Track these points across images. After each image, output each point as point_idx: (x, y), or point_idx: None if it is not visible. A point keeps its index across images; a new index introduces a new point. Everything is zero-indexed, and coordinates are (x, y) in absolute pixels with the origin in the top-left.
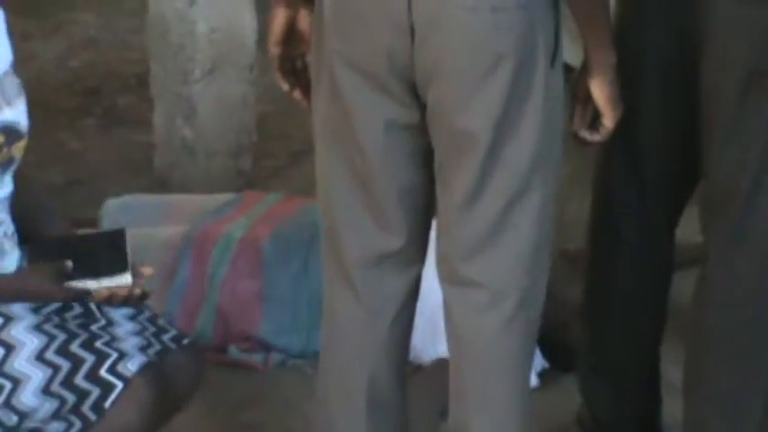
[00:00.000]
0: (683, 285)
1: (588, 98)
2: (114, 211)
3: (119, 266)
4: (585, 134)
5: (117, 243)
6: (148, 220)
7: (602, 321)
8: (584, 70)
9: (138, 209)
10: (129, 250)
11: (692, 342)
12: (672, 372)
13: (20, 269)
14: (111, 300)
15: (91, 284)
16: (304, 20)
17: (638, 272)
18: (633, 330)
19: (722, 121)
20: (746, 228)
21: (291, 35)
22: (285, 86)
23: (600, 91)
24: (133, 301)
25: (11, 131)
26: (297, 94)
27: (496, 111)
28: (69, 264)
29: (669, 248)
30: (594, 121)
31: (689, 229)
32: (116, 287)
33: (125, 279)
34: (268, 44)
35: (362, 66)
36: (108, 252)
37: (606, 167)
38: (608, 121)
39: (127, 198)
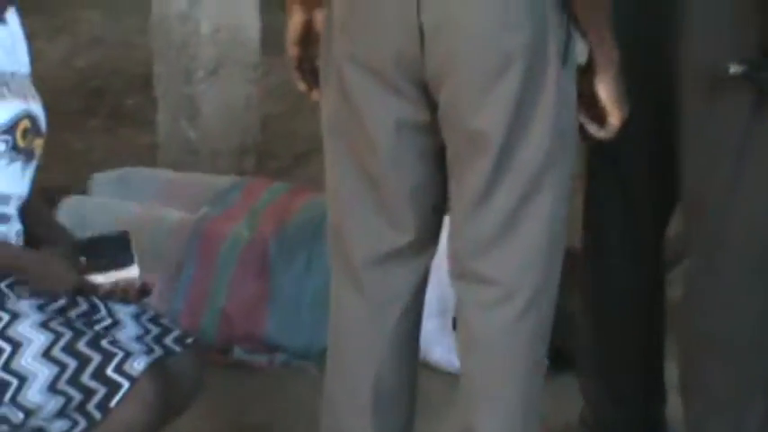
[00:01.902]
0: (679, 285)
1: (594, 96)
2: (105, 183)
3: (125, 260)
4: (593, 130)
5: (122, 242)
6: (140, 196)
7: (598, 324)
8: (589, 69)
9: (130, 183)
10: (134, 248)
11: (685, 345)
12: (674, 369)
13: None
14: (113, 294)
15: (100, 279)
16: (320, 21)
17: (630, 274)
18: (630, 332)
19: (690, 128)
20: (724, 233)
21: (308, 36)
22: (303, 87)
23: (605, 89)
24: (134, 296)
25: (35, 122)
26: (315, 94)
27: (508, 110)
28: (83, 259)
29: (659, 250)
30: (601, 117)
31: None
32: (124, 279)
33: (133, 271)
34: (286, 45)
35: (372, 66)
36: (114, 250)
37: (591, 172)
38: (614, 118)
39: (118, 172)
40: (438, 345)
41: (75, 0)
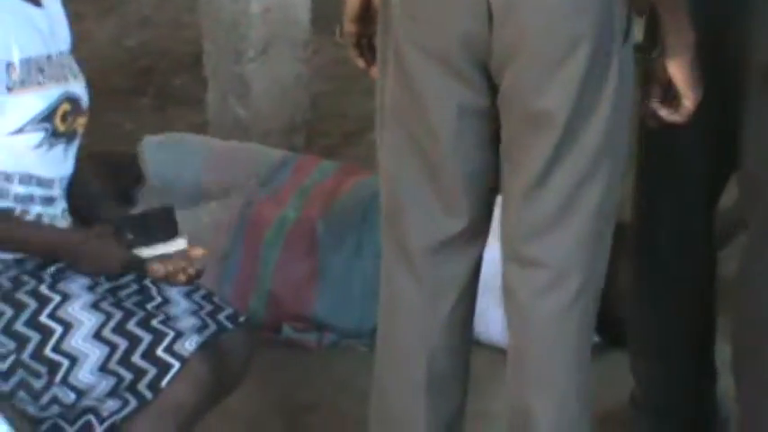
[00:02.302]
0: (733, 263)
1: (668, 79)
2: (154, 149)
3: (171, 234)
4: (665, 114)
5: (167, 217)
6: (188, 165)
7: (649, 303)
8: (663, 52)
9: (178, 151)
10: (179, 224)
11: (738, 327)
12: (726, 350)
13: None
14: (168, 278)
15: (146, 252)
16: (380, 6)
17: (681, 253)
18: (681, 312)
19: (748, 113)
20: None
21: (367, 13)
22: (361, 64)
23: (680, 72)
24: (187, 279)
25: (75, 103)
26: (374, 71)
27: (574, 91)
28: (130, 235)
29: (709, 230)
30: (673, 101)
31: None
32: (173, 253)
33: (180, 244)
34: (344, 22)
35: (435, 50)
36: (159, 224)
37: (645, 149)
38: (689, 101)
39: (168, 136)
40: (484, 321)
41: None
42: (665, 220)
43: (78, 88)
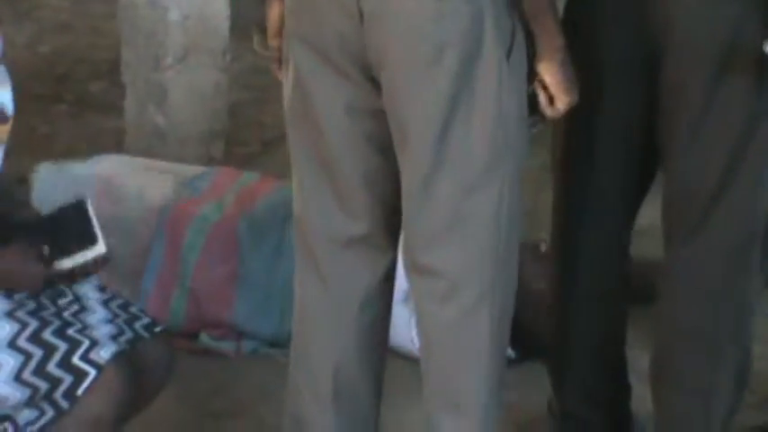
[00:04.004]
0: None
1: (542, 81)
2: (45, 177)
3: (89, 239)
4: (547, 111)
5: (81, 216)
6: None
7: (564, 314)
8: (535, 55)
9: (69, 179)
10: (94, 219)
11: (660, 334)
12: (642, 359)
13: None
14: (74, 276)
15: (67, 263)
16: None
17: (597, 266)
18: (594, 322)
19: (688, 119)
20: (708, 224)
21: None
22: (283, 78)
23: (549, 75)
24: (93, 267)
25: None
26: None
27: (443, 99)
28: (46, 248)
29: (626, 244)
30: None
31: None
32: (93, 259)
33: (99, 249)
34: (265, 38)
35: (319, 48)
36: (75, 226)
37: (564, 168)
38: (560, 103)
39: (62, 164)
40: (402, 331)
41: None
42: (582, 231)
43: (2, 96)
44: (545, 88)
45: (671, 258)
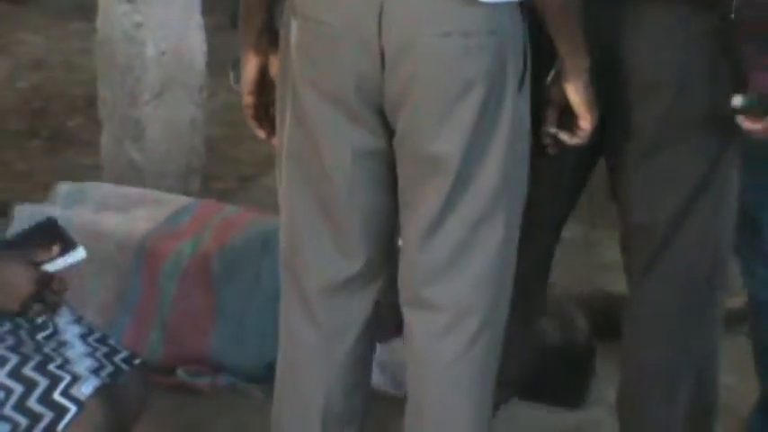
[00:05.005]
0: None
1: (565, 103)
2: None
3: (69, 245)
4: (565, 137)
5: (54, 229)
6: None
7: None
8: (559, 75)
9: (92, 196)
10: (68, 232)
11: (624, 368)
12: (610, 392)
13: None
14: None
15: (50, 267)
16: (275, 66)
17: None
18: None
19: (640, 161)
20: (664, 260)
21: (263, 82)
22: (262, 135)
23: (576, 94)
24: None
25: None
26: (273, 141)
27: (466, 135)
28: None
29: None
30: (570, 125)
31: None
32: (73, 263)
33: (80, 254)
34: (242, 93)
35: (330, 91)
36: (52, 237)
37: None
38: (586, 122)
39: (80, 185)
40: (383, 370)
41: (17, 23)
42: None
43: None
44: (564, 113)
45: (631, 293)
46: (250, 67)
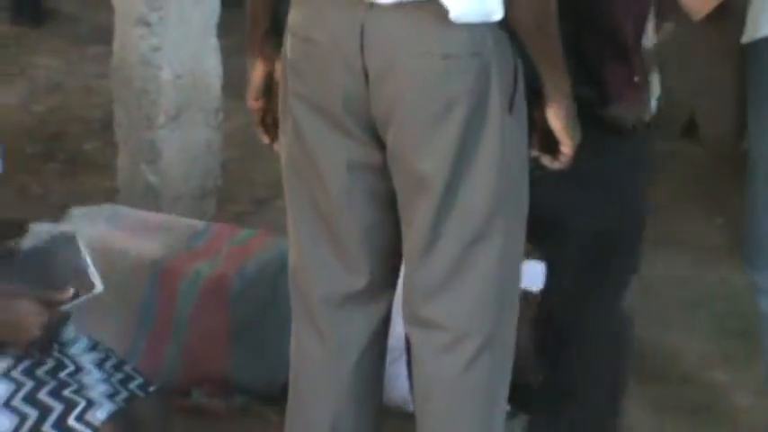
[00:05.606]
0: None
1: (547, 128)
2: (80, 218)
3: (87, 283)
4: (547, 162)
5: (74, 253)
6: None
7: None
8: (541, 99)
9: (108, 220)
10: (87, 257)
11: None
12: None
13: None
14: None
15: (67, 308)
16: (280, 72)
17: None
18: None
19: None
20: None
21: (270, 88)
22: (266, 140)
23: (556, 119)
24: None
25: None
26: (277, 146)
27: (450, 155)
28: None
29: None
30: (553, 148)
31: None
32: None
33: (96, 290)
34: (248, 99)
35: (322, 107)
36: (69, 266)
37: None
38: (566, 148)
39: (96, 208)
40: (395, 386)
41: (34, 47)
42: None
43: None
44: (544, 133)
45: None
46: (256, 73)
